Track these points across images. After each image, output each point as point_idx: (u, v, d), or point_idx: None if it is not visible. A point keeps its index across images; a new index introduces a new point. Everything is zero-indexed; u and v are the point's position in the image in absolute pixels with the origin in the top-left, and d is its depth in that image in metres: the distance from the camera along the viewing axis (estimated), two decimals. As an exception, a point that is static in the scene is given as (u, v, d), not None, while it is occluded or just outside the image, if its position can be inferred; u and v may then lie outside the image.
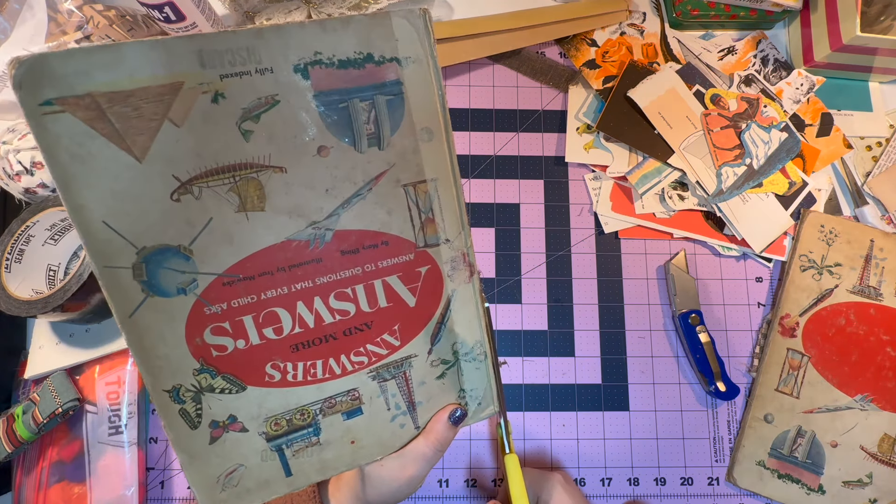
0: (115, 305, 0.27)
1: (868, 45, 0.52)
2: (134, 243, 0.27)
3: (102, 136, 0.25)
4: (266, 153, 0.28)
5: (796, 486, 0.49)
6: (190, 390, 0.29)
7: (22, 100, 0.24)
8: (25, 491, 0.47)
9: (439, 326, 0.34)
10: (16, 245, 0.46)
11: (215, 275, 0.29)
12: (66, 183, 0.25)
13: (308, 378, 0.32)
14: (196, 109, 0.26)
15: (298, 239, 0.30)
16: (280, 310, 0.30)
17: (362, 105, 0.29)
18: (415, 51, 0.30)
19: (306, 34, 0.27)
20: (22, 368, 0.49)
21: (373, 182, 0.30)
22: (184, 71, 0.26)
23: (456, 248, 0.33)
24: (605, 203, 0.55)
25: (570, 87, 0.58)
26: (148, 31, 0.52)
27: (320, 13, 0.55)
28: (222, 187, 0.28)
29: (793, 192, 0.55)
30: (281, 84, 0.27)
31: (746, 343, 0.54)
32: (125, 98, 0.25)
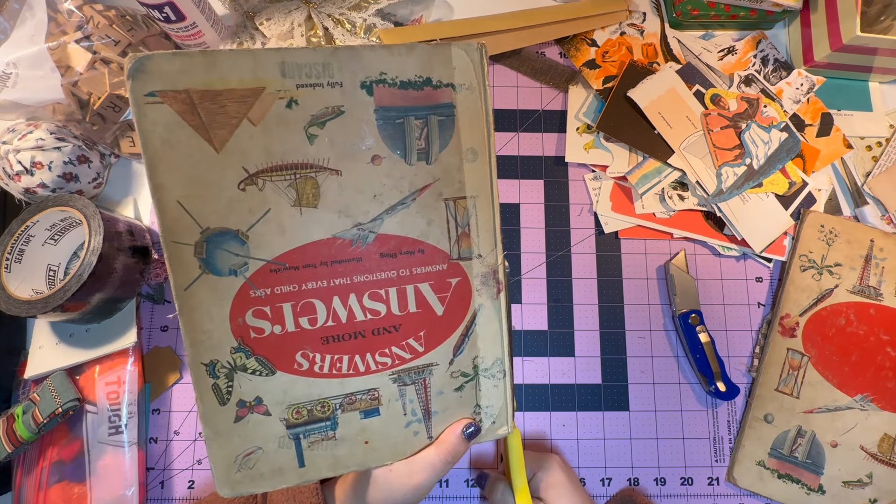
0: (174, 278, 0.30)
1: (868, 45, 0.52)
2: (200, 223, 0.30)
3: (191, 126, 0.29)
4: (326, 156, 0.31)
5: (796, 486, 0.49)
6: (225, 367, 0.32)
7: (131, 88, 0.28)
8: (25, 491, 0.47)
9: (463, 338, 0.35)
10: (16, 245, 0.46)
11: (265, 261, 0.31)
12: (153, 163, 0.29)
13: (333, 371, 0.34)
14: (272, 112, 0.30)
15: (343, 237, 0.32)
16: (317, 301, 0.33)
17: (416, 122, 0.32)
18: (469, 79, 0.33)
19: (375, 56, 0.31)
20: (22, 368, 0.49)
21: (417, 193, 0.33)
22: (267, 78, 0.30)
23: (487, 264, 0.35)
24: (605, 203, 0.55)
25: (570, 87, 0.58)
26: (148, 31, 0.52)
27: (320, 13, 0.55)
28: (283, 182, 0.31)
29: (793, 192, 0.55)
30: (347, 97, 0.31)
31: (746, 343, 0.54)
32: (214, 96, 0.29)
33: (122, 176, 0.54)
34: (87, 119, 0.50)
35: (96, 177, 0.51)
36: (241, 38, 0.56)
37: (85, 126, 0.50)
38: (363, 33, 0.55)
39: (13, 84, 0.48)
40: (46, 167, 0.47)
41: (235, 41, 0.55)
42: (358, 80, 0.31)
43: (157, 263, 0.50)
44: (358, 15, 0.55)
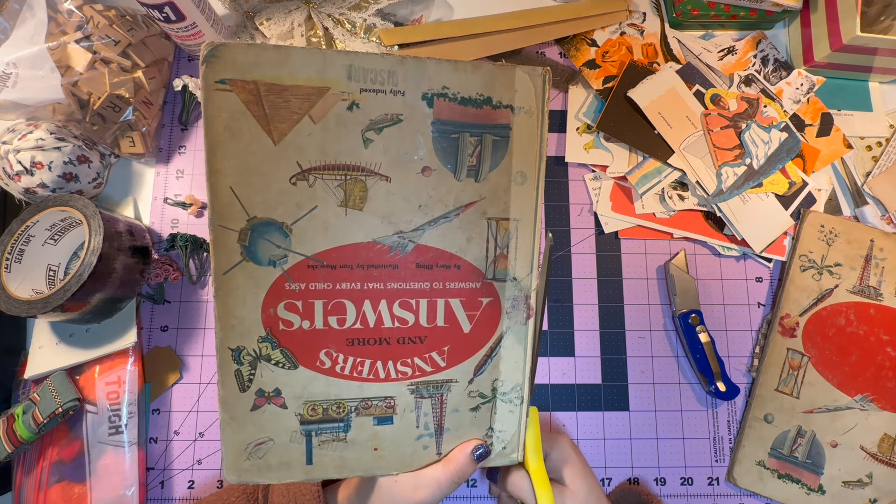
0: (216, 261, 0.31)
1: (868, 45, 0.52)
2: (248, 211, 0.31)
3: (254, 116, 0.30)
4: (378, 162, 0.32)
5: (796, 486, 0.49)
6: (250, 354, 0.32)
7: (203, 74, 0.29)
8: (25, 491, 0.47)
9: (486, 359, 0.35)
10: (16, 245, 0.46)
11: (304, 256, 0.32)
12: (213, 148, 0.30)
13: (354, 374, 0.34)
14: (333, 112, 0.31)
15: (383, 243, 0.33)
16: (348, 302, 0.33)
17: (471, 139, 0.33)
18: (529, 103, 0.33)
19: (440, 70, 0.32)
20: (22, 368, 0.49)
21: (462, 209, 0.33)
22: (333, 79, 0.30)
23: (521, 289, 0.35)
24: (605, 203, 0.55)
25: (570, 87, 0.58)
26: (148, 31, 0.52)
27: (320, 13, 0.55)
28: (333, 182, 0.31)
29: (793, 192, 0.55)
30: (408, 106, 0.32)
31: (746, 343, 0.54)
32: (280, 91, 0.30)
33: (122, 176, 0.54)
34: (87, 119, 0.50)
35: (96, 177, 0.51)
36: (241, 38, 0.56)
37: (85, 126, 0.50)
38: (363, 33, 0.55)
39: (13, 84, 0.48)
40: (46, 167, 0.47)
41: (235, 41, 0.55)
42: (420, 92, 0.32)
43: (157, 263, 0.50)
44: (358, 15, 0.55)
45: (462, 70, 0.32)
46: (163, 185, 0.54)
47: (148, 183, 0.55)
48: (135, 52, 0.51)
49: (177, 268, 0.51)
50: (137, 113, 0.51)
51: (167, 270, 0.51)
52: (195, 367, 0.51)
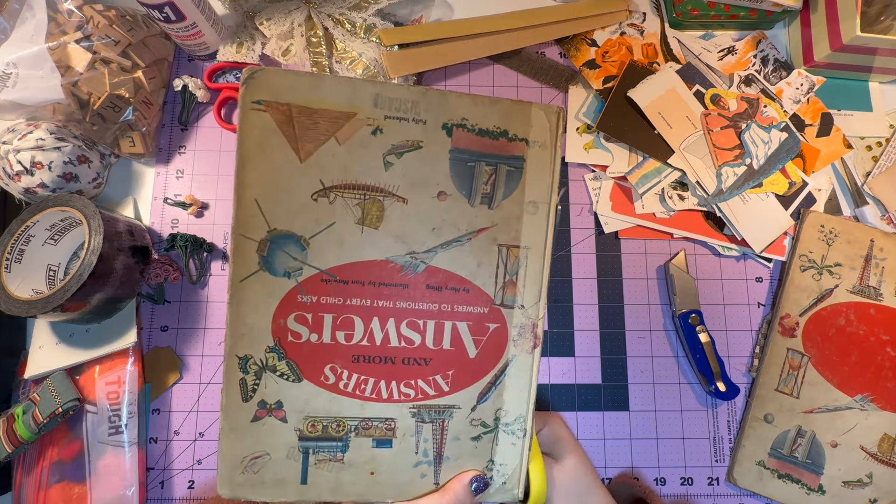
0: (234, 268, 0.32)
1: (868, 45, 0.52)
2: (269, 223, 0.32)
3: (284, 135, 0.32)
4: (397, 184, 0.33)
5: (796, 486, 0.49)
6: (256, 364, 0.33)
7: (242, 94, 0.31)
8: (25, 491, 0.47)
9: (490, 387, 0.35)
10: (16, 245, 0.46)
11: (319, 270, 0.33)
12: (243, 161, 0.32)
13: (357, 392, 0.34)
14: (358, 136, 0.33)
15: (396, 262, 0.34)
16: (357, 318, 0.34)
17: (486, 168, 0.34)
18: (543, 137, 0.35)
19: (461, 103, 0.34)
20: (22, 368, 0.49)
21: (474, 234, 0.35)
22: (360, 105, 0.32)
23: (528, 317, 0.35)
24: (605, 203, 0.55)
25: (570, 87, 0.58)
26: (148, 31, 0.52)
27: (320, 13, 0.55)
28: (353, 200, 0.33)
29: (793, 192, 0.55)
30: (428, 134, 0.33)
31: (746, 343, 0.54)
32: (310, 113, 0.32)
33: (122, 176, 0.54)
34: (87, 119, 0.50)
35: (96, 177, 0.51)
36: (241, 38, 0.56)
37: (85, 126, 0.50)
38: (363, 33, 0.55)
39: (13, 84, 0.48)
40: (46, 167, 0.47)
41: (235, 41, 0.55)
42: (441, 121, 0.33)
43: (157, 263, 0.50)
44: (358, 15, 0.55)
45: (481, 104, 0.34)
46: (163, 185, 0.54)
47: (148, 183, 0.55)
48: (135, 52, 0.51)
49: (177, 268, 0.51)
50: (137, 113, 0.51)
51: (167, 270, 0.51)
52: (195, 367, 0.51)
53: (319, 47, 0.55)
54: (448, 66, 0.57)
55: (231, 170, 0.55)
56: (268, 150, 0.32)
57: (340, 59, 0.55)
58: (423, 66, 0.54)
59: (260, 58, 0.55)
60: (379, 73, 0.54)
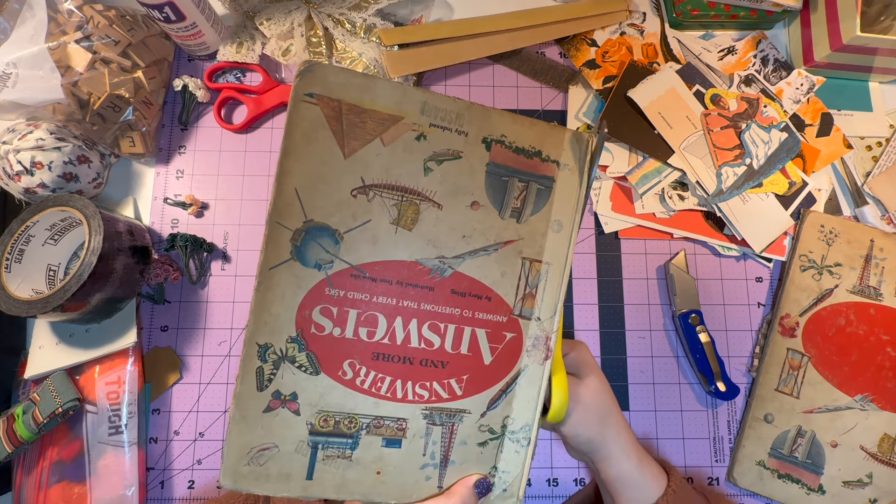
0: (265, 255, 0.32)
1: (868, 45, 0.52)
2: (306, 213, 0.33)
3: (331, 130, 0.33)
4: (434, 190, 0.35)
5: (796, 486, 0.49)
6: (276, 353, 0.33)
7: (296, 86, 0.32)
8: (25, 491, 0.47)
9: (501, 394, 0.36)
10: (16, 245, 0.46)
11: (349, 265, 0.34)
12: (288, 150, 0.32)
13: (373, 389, 0.35)
14: (402, 139, 0.34)
15: (425, 265, 0.35)
16: (381, 316, 0.34)
17: (519, 184, 0.36)
18: (572, 161, 0.37)
19: (502, 120, 0.35)
20: (22, 368, 0.49)
21: (501, 245, 0.36)
22: (408, 111, 0.34)
23: (543, 329, 0.37)
24: (605, 203, 0.55)
25: (570, 87, 0.58)
26: (148, 31, 0.52)
27: (320, 13, 0.55)
28: (390, 200, 0.34)
29: (793, 192, 0.55)
30: (468, 146, 0.35)
31: (746, 343, 0.54)
32: (360, 112, 0.33)
33: (122, 176, 0.54)
34: (87, 119, 0.50)
35: (96, 177, 0.51)
36: (241, 38, 0.56)
37: (85, 126, 0.50)
38: (363, 33, 0.55)
39: (13, 84, 0.48)
40: (46, 167, 0.47)
41: (235, 41, 0.55)
42: (481, 135, 0.35)
43: (157, 263, 0.50)
44: (358, 15, 0.55)
45: (520, 123, 0.36)
46: (163, 185, 0.54)
47: (148, 183, 0.55)
48: (135, 52, 0.51)
49: (177, 268, 0.51)
50: (137, 113, 0.51)
51: (167, 270, 0.51)
52: (195, 367, 0.51)
53: (319, 47, 0.55)
54: (448, 66, 0.57)
55: (231, 170, 0.55)
56: (314, 142, 0.33)
57: (340, 59, 0.55)
58: (423, 66, 0.54)
59: (260, 58, 0.55)
60: (379, 72, 0.54)
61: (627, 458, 0.39)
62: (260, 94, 0.55)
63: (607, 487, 0.40)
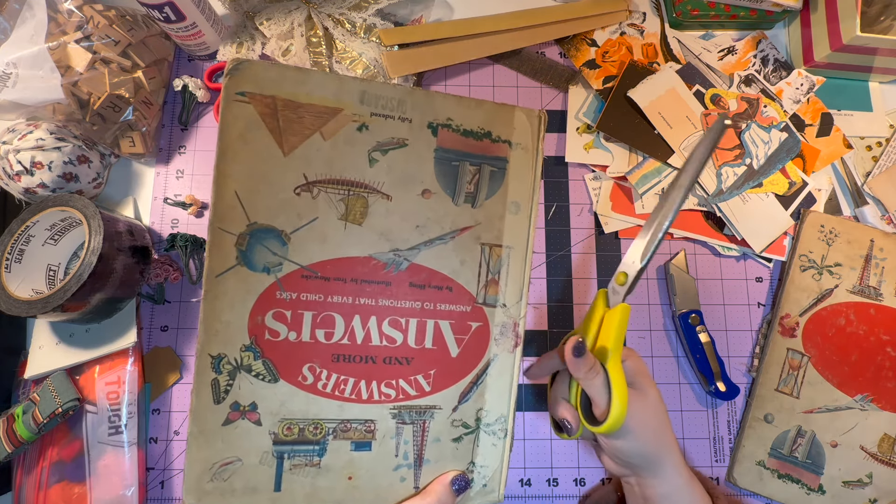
0: (210, 263, 0.31)
1: (868, 45, 0.52)
2: (249, 216, 0.32)
3: (268, 128, 0.31)
4: (381, 181, 0.33)
5: (796, 486, 0.49)
6: (230, 364, 0.32)
7: (226, 84, 0.31)
8: (25, 491, 0.47)
9: (472, 386, 0.35)
10: (16, 245, 0.46)
11: (299, 265, 0.32)
12: (224, 153, 0.31)
13: (336, 392, 0.33)
14: (343, 131, 0.32)
15: (379, 259, 0.33)
16: (338, 316, 0.33)
17: (470, 168, 0.34)
18: (525, 140, 0.35)
19: (446, 103, 0.34)
20: (22, 368, 0.49)
21: (457, 232, 0.34)
22: (347, 101, 0.32)
23: (510, 315, 0.35)
24: (605, 203, 0.55)
25: (570, 87, 0.58)
26: (148, 31, 0.52)
27: (320, 13, 0.55)
28: (336, 195, 0.33)
29: (793, 192, 0.55)
30: (413, 133, 0.33)
31: (746, 343, 0.54)
32: (296, 107, 0.32)
33: (122, 176, 0.54)
34: (87, 119, 0.50)
35: (96, 177, 0.51)
36: (241, 38, 0.56)
37: (85, 126, 0.50)
38: (363, 33, 0.55)
39: (13, 84, 0.48)
40: (46, 167, 0.47)
41: (235, 41, 0.55)
42: (426, 120, 0.34)
43: (157, 263, 0.50)
44: (358, 15, 0.55)
45: (466, 105, 0.34)
46: (163, 185, 0.54)
47: (148, 183, 0.55)
48: (135, 52, 0.51)
49: (177, 268, 0.51)
50: (137, 113, 0.51)
51: (167, 270, 0.51)
52: (195, 367, 0.51)
53: (319, 47, 0.55)
54: (448, 66, 0.57)
55: (231, 170, 0.55)
56: (250, 142, 0.31)
57: (340, 59, 0.55)
58: (423, 66, 0.54)
59: (260, 58, 0.55)
60: (379, 72, 0.54)
61: (679, 474, 0.37)
62: (260, 94, 0.55)
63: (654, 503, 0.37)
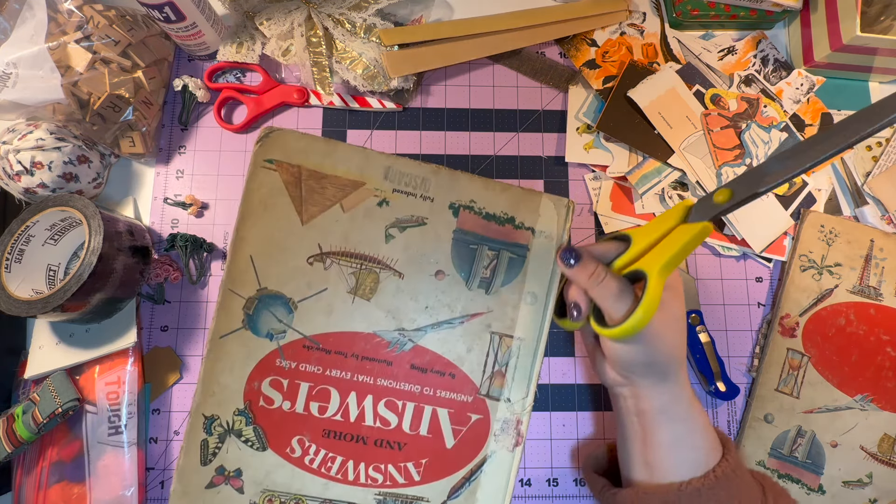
0: (216, 323, 0.31)
1: (868, 45, 0.52)
2: (260, 281, 0.32)
3: (290, 196, 0.32)
4: (396, 258, 0.33)
5: (796, 487, 0.49)
6: (222, 426, 0.31)
7: (256, 152, 0.31)
8: (25, 491, 0.47)
9: (464, 482, 0.33)
10: (16, 245, 0.46)
11: (302, 335, 0.32)
12: (245, 217, 0.32)
13: (322, 469, 0.32)
14: (364, 205, 0.32)
15: (383, 337, 0.33)
16: (334, 390, 0.32)
17: (488, 253, 0.33)
18: (550, 228, 0.34)
19: (471, 185, 0.33)
20: (22, 368, 0.49)
21: (468, 318, 0.33)
22: (371, 176, 0.32)
23: (514, 412, 0.34)
24: (605, 203, 0.55)
25: (570, 87, 0.58)
26: (148, 31, 0.52)
27: (320, 13, 0.55)
28: (348, 268, 0.32)
29: (793, 192, 0.55)
30: (434, 212, 0.33)
31: (746, 343, 0.54)
32: (320, 178, 0.32)
33: (122, 176, 0.54)
34: (87, 119, 0.50)
35: (96, 177, 0.51)
36: (241, 38, 0.56)
37: (85, 126, 0.50)
38: (363, 33, 0.55)
39: (13, 84, 0.48)
40: (46, 167, 0.47)
41: (235, 41, 0.55)
42: (448, 201, 0.33)
43: (158, 263, 0.50)
44: (358, 15, 0.55)
45: (491, 188, 0.34)
46: (163, 185, 0.54)
47: (148, 183, 0.55)
48: (135, 52, 0.51)
49: (177, 268, 0.51)
50: (137, 113, 0.51)
51: (167, 270, 0.51)
52: (195, 368, 0.51)
53: (319, 47, 0.55)
54: (448, 66, 0.57)
55: (231, 170, 0.55)
56: (271, 208, 0.32)
57: (340, 59, 0.55)
58: (423, 66, 0.54)
59: (260, 58, 0.55)
60: (379, 72, 0.54)
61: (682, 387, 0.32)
62: (260, 94, 0.55)
63: (649, 418, 0.32)
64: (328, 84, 0.55)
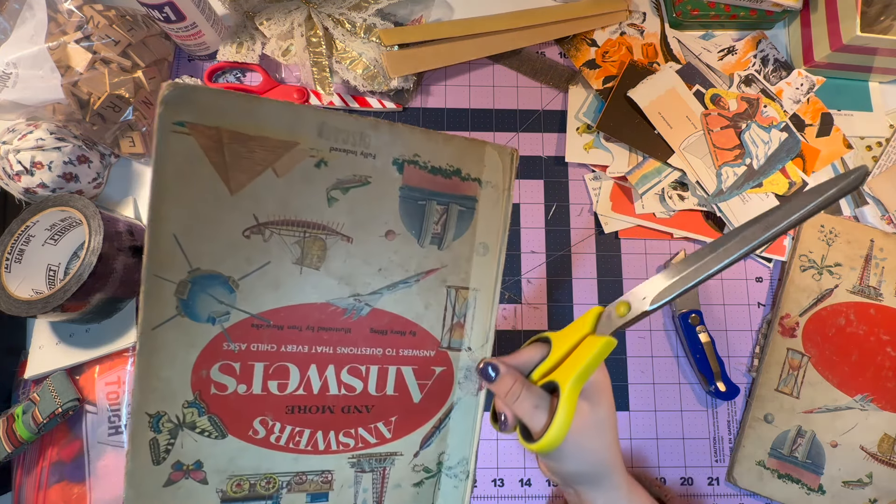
0: (145, 314, 0.28)
1: (868, 45, 0.52)
2: (190, 262, 0.28)
3: (211, 164, 0.28)
4: (341, 222, 0.30)
5: (796, 486, 0.49)
6: (171, 422, 0.29)
7: (161, 114, 0.27)
8: (25, 491, 0.47)
9: (434, 431, 0.34)
10: (16, 245, 0.46)
11: (249, 314, 0.30)
12: (160, 192, 0.28)
13: (290, 445, 0.31)
14: (299, 168, 0.29)
15: (338, 305, 0.31)
16: (292, 366, 0.31)
17: (437, 208, 0.32)
18: (496, 178, 0.33)
19: (413, 138, 0.31)
20: (22, 368, 0.49)
21: (422, 275, 0.33)
22: (303, 134, 0.29)
23: (475, 359, 0.34)
24: (605, 203, 0.55)
25: (570, 87, 0.58)
26: (148, 31, 0.52)
27: (320, 13, 0.55)
28: (291, 238, 0.30)
29: (793, 192, 0.55)
30: (377, 170, 0.31)
31: (746, 343, 0.54)
32: (245, 140, 0.28)
33: (122, 176, 0.54)
34: (87, 119, 0.50)
35: (96, 177, 0.51)
36: (241, 38, 0.56)
37: (85, 126, 0.50)
38: (363, 33, 0.55)
39: (13, 84, 0.48)
40: (46, 167, 0.47)
41: (235, 41, 0.55)
42: (391, 157, 0.31)
43: (157, 263, 0.50)
44: (358, 15, 0.55)
45: (434, 140, 0.32)
46: (163, 185, 0.54)
47: (148, 183, 0.54)
48: (135, 52, 0.51)
49: (177, 268, 0.51)
50: (137, 113, 0.51)
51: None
52: (195, 367, 0.51)
53: (319, 47, 0.55)
54: (448, 66, 0.57)
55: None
56: (191, 179, 0.28)
57: (340, 59, 0.55)
58: (423, 66, 0.54)
59: (260, 58, 0.55)
60: (379, 72, 0.54)
61: (617, 488, 0.34)
62: (260, 94, 0.55)
63: None
64: (328, 84, 0.55)
